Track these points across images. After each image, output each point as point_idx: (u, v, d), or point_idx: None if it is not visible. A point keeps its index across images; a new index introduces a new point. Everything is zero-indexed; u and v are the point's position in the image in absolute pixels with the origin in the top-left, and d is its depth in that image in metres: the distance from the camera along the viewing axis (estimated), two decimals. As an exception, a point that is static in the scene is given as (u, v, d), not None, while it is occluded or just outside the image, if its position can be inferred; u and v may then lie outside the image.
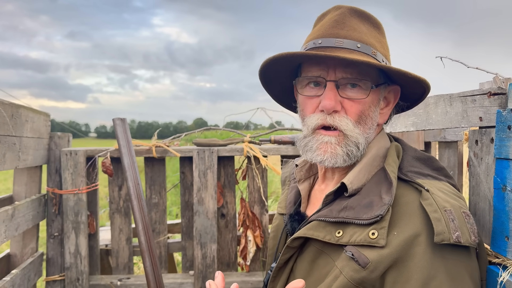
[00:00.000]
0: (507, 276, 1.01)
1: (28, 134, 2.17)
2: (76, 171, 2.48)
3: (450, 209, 0.90)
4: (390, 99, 1.15)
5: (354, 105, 1.04)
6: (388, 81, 1.11)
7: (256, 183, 2.65)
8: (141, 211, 1.19)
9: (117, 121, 1.24)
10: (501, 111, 1.06)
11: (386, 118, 1.15)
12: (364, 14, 1.09)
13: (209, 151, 2.53)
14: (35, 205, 2.34)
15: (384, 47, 1.10)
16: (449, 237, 0.87)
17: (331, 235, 1.00)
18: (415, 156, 1.10)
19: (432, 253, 0.89)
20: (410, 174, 1.03)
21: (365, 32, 1.06)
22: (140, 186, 1.22)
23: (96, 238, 2.65)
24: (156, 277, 1.19)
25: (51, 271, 2.57)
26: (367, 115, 1.06)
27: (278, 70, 1.13)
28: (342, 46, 1.03)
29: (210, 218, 2.53)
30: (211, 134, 4.56)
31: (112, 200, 2.65)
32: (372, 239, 0.92)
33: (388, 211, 0.94)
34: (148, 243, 1.17)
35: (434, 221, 0.89)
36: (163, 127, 8.78)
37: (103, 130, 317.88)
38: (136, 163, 1.24)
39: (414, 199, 0.96)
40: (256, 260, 2.67)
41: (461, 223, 0.89)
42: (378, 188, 1.01)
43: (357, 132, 1.05)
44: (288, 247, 1.09)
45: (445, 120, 1.36)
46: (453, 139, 2.16)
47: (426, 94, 1.11)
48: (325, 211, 1.05)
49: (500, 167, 1.06)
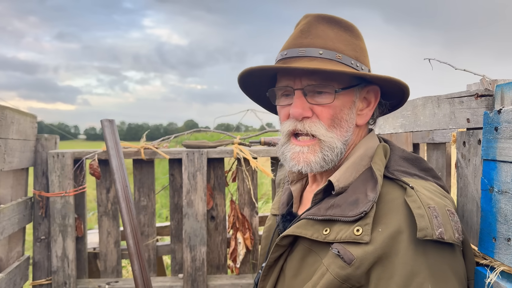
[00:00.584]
0: (495, 277, 1.01)
1: (14, 136, 2.13)
2: (63, 173, 2.45)
3: (434, 206, 0.91)
4: (370, 99, 1.16)
5: (324, 110, 1.07)
6: (363, 81, 1.12)
7: (246, 185, 2.64)
8: (130, 214, 1.18)
9: (105, 122, 1.23)
10: (488, 113, 1.07)
11: (367, 118, 1.16)
12: (332, 19, 1.11)
13: (199, 153, 2.51)
14: (21, 208, 2.31)
15: (356, 49, 1.11)
16: (432, 233, 0.87)
17: (318, 233, 1.01)
18: (403, 156, 1.12)
19: (415, 249, 0.90)
20: (396, 173, 1.04)
21: (331, 37, 1.09)
22: (128, 188, 1.21)
23: (84, 241, 2.62)
24: (144, 281, 1.18)
25: (37, 275, 2.53)
26: (341, 118, 1.08)
27: (255, 80, 1.19)
28: (304, 54, 1.07)
29: (199, 221, 2.52)
30: (201, 136, 4.54)
31: (100, 203, 2.62)
32: (356, 236, 0.93)
33: (372, 208, 0.95)
34: (136, 246, 1.16)
35: (417, 217, 0.90)
36: (153, 129, 8.74)
37: (92, 132, 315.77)
38: (124, 165, 1.23)
39: (398, 196, 0.98)
40: (246, 263, 2.66)
41: (445, 220, 0.90)
42: (364, 186, 1.02)
43: (330, 136, 1.07)
44: (278, 246, 1.10)
45: (433, 122, 1.36)
46: (441, 140, 2.18)
47: (406, 93, 1.13)
48: (313, 210, 1.07)
49: (487, 168, 1.07)
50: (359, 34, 1.15)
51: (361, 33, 1.16)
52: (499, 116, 1.02)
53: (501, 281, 1.01)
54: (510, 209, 0.97)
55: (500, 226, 1.01)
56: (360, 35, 1.15)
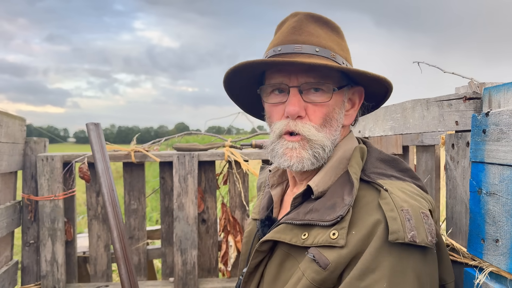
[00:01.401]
0: (483, 278, 1.02)
1: (2, 139, 2.11)
2: (52, 177, 2.42)
3: (407, 209, 0.91)
4: (355, 100, 1.16)
5: (317, 109, 1.06)
6: (351, 82, 1.13)
7: (237, 188, 2.63)
8: (116, 218, 1.17)
9: (90, 126, 1.21)
10: (476, 115, 1.08)
11: (352, 119, 1.16)
12: (321, 19, 1.11)
13: (190, 156, 2.51)
14: (9, 212, 2.28)
15: (343, 50, 1.12)
16: (403, 236, 0.87)
17: (297, 238, 1.01)
18: (379, 158, 1.11)
19: (380, 247, 0.89)
20: (372, 175, 1.04)
21: (323, 36, 1.08)
22: (114, 192, 1.20)
23: (74, 245, 2.60)
24: (132, 285, 1.17)
25: (26, 280, 2.50)
26: (332, 117, 1.08)
27: (242, 79, 1.14)
28: (301, 51, 1.05)
29: (190, 224, 2.51)
30: (192, 139, 4.53)
31: (89, 207, 2.60)
32: (332, 239, 0.93)
33: (348, 212, 0.95)
34: (123, 251, 1.15)
35: (389, 220, 0.90)
36: (143, 132, 8.67)
37: (82, 135, 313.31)
38: (110, 168, 1.21)
39: (373, 199, 0.98)
40: (237, 266, 2.65)
41: (418, 223, 0.90)
42: (342, 190, 1.02)
43: (321, 136, 1.06)
44: (258, 251, 1.10)
45: (422, 124, 1.38)
46: (431, 143, 2.20)
47: (389, 93, 1.13)
48: (292, 214, 1.07)
49: (476, 170, 1.08)
50: (343, 35, 1.16)
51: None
52: (487, 119, 1.03)
53: (489, 282, 1.02)
54: (498, 210, 0.98)
55: (488, 228, 1.02)
56: (344, 36, 1.16)
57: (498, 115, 0.99)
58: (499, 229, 0.98)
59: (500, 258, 0.97)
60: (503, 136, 0.97)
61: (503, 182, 0.97)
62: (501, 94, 1.04)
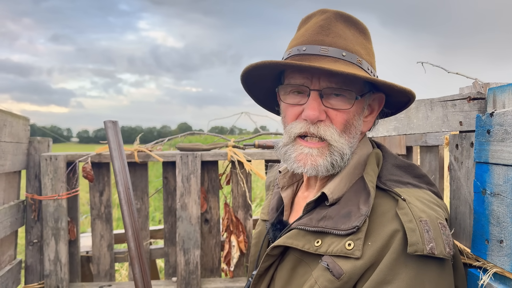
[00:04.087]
0: (487, 279, 1.02)
1: (6, 139, 2.12)
2: (56, 176, 2.43)
3: (425, 220, 0.89)
4: (374, 107, 1.13)
5: (339, 114, 1.02)
6: (372, 89, 1.10)
7: (240, 187, 2.63)
8: (131, 217, 1.15)
9: (108, 123, 1.19)
10: (481, 116, 1.08)
11: (370, 125, 1.14)
12: (350, 18, 1.07)
13: (193, 155, 2.51)
14: (13, 211, 2.29)
15: (369, 54, 1.08)
16: (422, 248, 0.86)
17: (310, 244, 0.99)
18: (395, 164, 1.09)
19: (396, 259, 0.88)
20: (388, 183, 1.02)
21: (350, 38, 1.04)
22: (130, 190, 1.17)
23: (77, 244, 2.60)
24: (145, 285, 1.15)
25: (30, 279, 2.51)
26: (351, 124, 1.05)
27: (261, 74, 1.11)
28: (327, 54, 1.01)
29: (193, 224, 2.51)
30: (195, 139, 4.53)
31: (93, 206, 2.61)
32: (348, 250, 0.92)
33: (365, 222, 0.93)
34: (137, 250, 1.13)
35: (408, 231, 0.88)
36: (146, 132, 8.68)
37: (85, 135, 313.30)
38: (127, 167, 1.19)
39: (390, 209, 0.96)
40: (240, 266, 2.65)
41: (436, 234, 0.88)
42: (357, 197, 1.00)
43: (342, 142, 1.03)
44: (268, 255, 1.08)
45: (426, 125, 1.37)
46: (434, 143, 2.19)
47: (410, 102, 1.10)
48: (305, 220, 1.04)
49: (480, 171, 1.08)
50: (370, 37, 1.11)
51: None
52: (491, 119, 1.03)
53: (493, 283, 1.01)
54: (502, 211, 0.98)
55: (492, 228, 1.02)
56: (371, 38, 1.12)
57: (503, 116, 0.98)
58: (504, 230, 0.97)
59: (505, 259, 0.97)
60: (507, 136, 0.96)
61: (507, 183, 0.96)
62: (506, 94, 1.03)
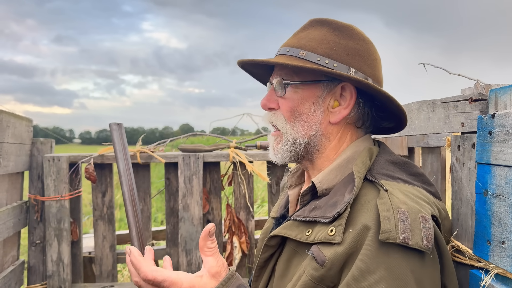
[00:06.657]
0: (489, 280, 1.02)
1: (9, 140, 2.13)
2: (58, 177, 2.44)
3: (404, 210, 0.90)
4: (347, 97, 1.12)
5: (284, 102, 1.13)
6: (333, 79, 1.10)
7: (242, 189, 2.64)
8: (135, 217, 1.18)
9: (113, 126, 1.24)
10: (482, 117, 1.08)
11: (340, 116, 1.11)
12: (324, 21, 1.14)
13: (195, 156, 2.52)
14: (16, 212, 2.30)
15: (335, 48, 1.09)
16: (395, 237, 0.86)
17: (302, 234, 1.02)
18: (389, 160, 1.11)
19: (378, 248, 0.88)
20: (377, 175, 1.04)
21: (310, 37, 1.11)
22: (135, 191, 1.21)
23: (79, 245, 2.61)
24: None
25: (32, 280, 2.52)
26: (300, 111, 1.11)
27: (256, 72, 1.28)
28: (279, 53, 1.14)
29: (195, 225, 2.52)
30: (197, 140, 4.54)
31: (95, 207, 2.62)
32: (330, 236, 0.94)
33: (346, 209, 0.95)
34: (141, 249, 1.16)
35: (382, 219, 0.89)
36: (148, 133, 8.82)
37: (87, 136, 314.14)
38: (131, 168, 1.23)
39: (373, 198, 0.97)
40: (242, 267, 2.65)
41: (415, 226, 0.88)
42: (345, 188, 1.03)
43: (288, 127, 1.12)
44: (266, 246, 1.11)
45: (428, 126, 1.38)
46: (436, 144, 2.19)
47: (403, 113, 1.11)
48: (299, 211, 1.08)
49: (482, 172, 1.08)
50: (353, 35, 1.12)
51: (362, 35, 1.13)
52: (493, 120, 1.03)
53: (495, 284, 1.01)
54: (504, 212, 0.98)
55: (494, 229, 1.02)
56: (354, 36, 1.12)
57: (504, 117, 0.98)
58: (505, 231, 0.98)
59: (506, 260, 0.97)
60: (509, 137, 0.96)
61: (509, 184, 0.96)
62: (507, 95, 1.04)
